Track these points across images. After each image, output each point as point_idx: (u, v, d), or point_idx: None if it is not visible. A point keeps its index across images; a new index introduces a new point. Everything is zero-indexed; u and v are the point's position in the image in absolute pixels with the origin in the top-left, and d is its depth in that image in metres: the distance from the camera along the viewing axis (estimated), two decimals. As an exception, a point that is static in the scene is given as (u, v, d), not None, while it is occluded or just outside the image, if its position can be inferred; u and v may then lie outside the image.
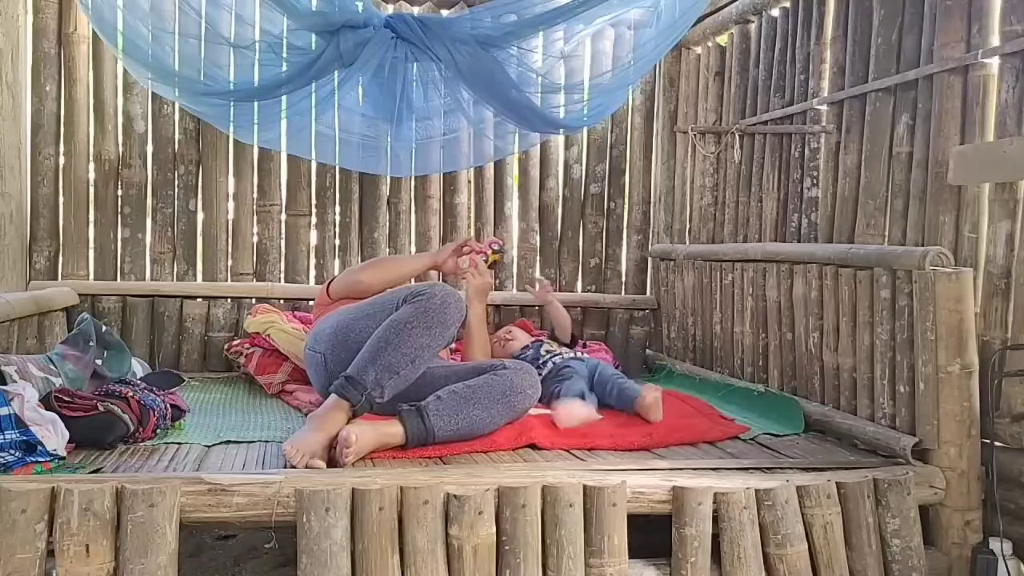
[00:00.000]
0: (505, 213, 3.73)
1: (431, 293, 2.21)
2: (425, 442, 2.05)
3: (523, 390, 2.22)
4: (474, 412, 2.12)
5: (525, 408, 2.25)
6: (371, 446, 1.98)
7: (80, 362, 2.38)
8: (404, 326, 2.14)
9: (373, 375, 2.07)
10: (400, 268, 2.79)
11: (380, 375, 2.07)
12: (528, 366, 2.37)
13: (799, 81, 2.95)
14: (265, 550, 2.36)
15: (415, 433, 2.03)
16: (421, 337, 2.13)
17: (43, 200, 3.27)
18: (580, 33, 3.18)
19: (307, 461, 1.88)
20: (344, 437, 1.93)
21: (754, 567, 1.79)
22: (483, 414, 2.13)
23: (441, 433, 2.06)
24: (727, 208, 3.37)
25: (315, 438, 1.95)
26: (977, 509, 2.03)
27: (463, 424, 2.09)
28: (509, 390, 2.19)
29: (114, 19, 2.71)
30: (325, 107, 3.00)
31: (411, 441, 2.03)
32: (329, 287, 2.76)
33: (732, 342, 3.08)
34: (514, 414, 2.21)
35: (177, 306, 3.38)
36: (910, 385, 2.15)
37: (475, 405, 2.12)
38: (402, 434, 2.02)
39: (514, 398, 2.19)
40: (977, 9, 2.24)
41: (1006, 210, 2.11)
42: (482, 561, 1.65)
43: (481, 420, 2.12)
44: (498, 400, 2.16)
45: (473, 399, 2.13)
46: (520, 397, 2.21)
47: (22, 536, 1.50)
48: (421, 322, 2.15)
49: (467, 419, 2.10)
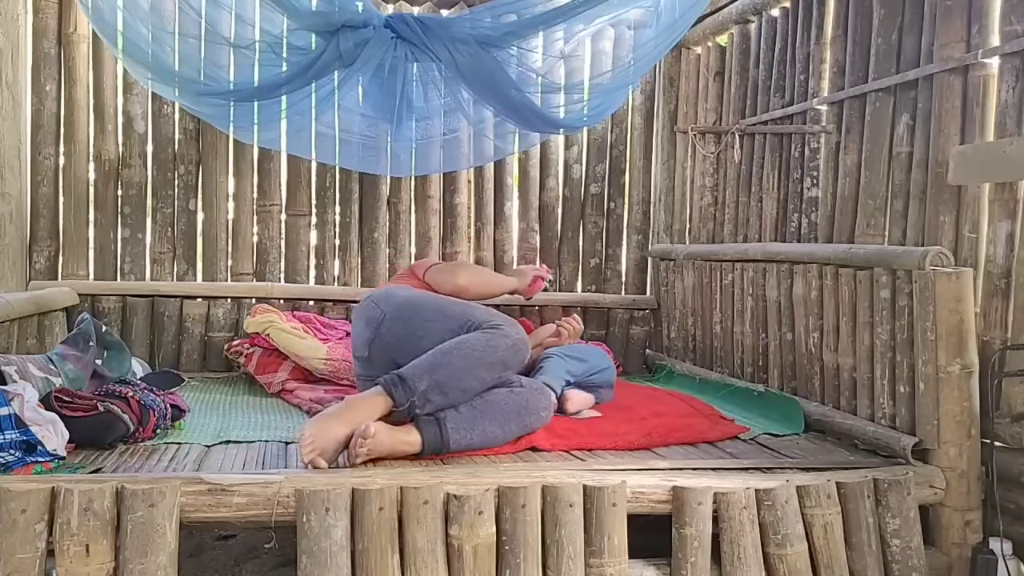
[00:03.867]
0: (505, 213, 3.73)
1: (506, 333, 2.22)
2: (439, 452, 2.05)
3: (538, 411, 2.23)
4: (489, 428, 2.12)
5: (536, 428, 2.25)
6: (385, 450, 1.96)
7: (80, 362, 2.38)
8: (471, 352, 2.14)
9: (424, 386, 2.05)
10: (497, 288, 2.86)
11: (430, 390, 2.06)
12: (543, 387, 2.36)
13: (799, 81, 2.95)
14: (265, 550, 2.36)
15: (431, 443, 2.02)
16: (482, 371, 2.14)
17: (43, 200, 3.27)
18: (580, 33, 3.18)
19: (313, 458, 1.87)
20: (365, 428, 1.90)
21: (754, 567, 1.79)
22: (497, 431, 2.13)
23: (455, 446, 2.06)
24: (727, 208, 3.37)
25: (337, 429, 1.92)
26: (977, 509, 2.03)
27: (476, 439, 2.10)
28: (524, 410, 2.20)
29: (114, 19, 2.71)
30: (325, 107, 3.00)
31: (426, 450, 2.02)
32: (427, 271, 2.76)
33: (732, 342, 3.08)
34: (525, 432, 2.22)
35: (177, 306, 3.38)
36: (910, 385, 2.15)
37: (491, 421, 2.12)
38: (419, 443, 2.01)
39: (528, 417, 2.20)
40: (977, 9, 2.24)
41: (1006, 210, 2.11)
42: (482, 561, 1.65)
43: (494, 436, 2.13)
44: (513, 419, 2.17)
45: (489, 414, 2.13)
46: (534, 418, 2.22)
47: (22, 536, 1.50)
48: (488, 357, 2.15)
49: (481, 434, 2.10)
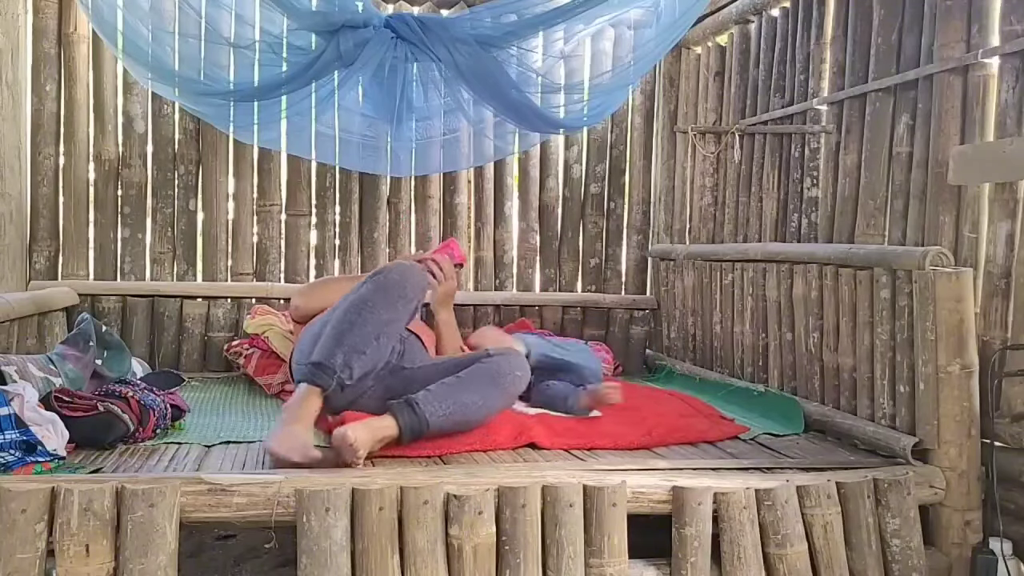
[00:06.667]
0: (505, 213, 3.73)
1: (388, 268, 2.18)
2: (420, 432, 2.01)
3: (511, 372, 2.19)
4: (465, 396, 2.08)
5: (517, 391, 2.22)
6: (369, 443, 1.95)
7: (80, 362, 2.38)
8: (365, 304, 2.10)
9: (341, 357, 2.02)
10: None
11: (348, 356, 2.03)
12: (516, 351, 2.33)
13: (799, 81, 2.95)
14: (265, 550, 2.35)
15: (408, 423, 1.99)
16: (384, 313, 2.09)
17: (43, 200, 3.27)
18: (580, 33, 3.18)
19: (305, 453, 1.84)
20: (341, 437, 1.87)
21: (754, 567, 1.79)
22: (475, 397, 2.10)
23: (435, 420, 2.01)
24: (727, 208, 3.37)
25: (296, 430, 1.91)
26: (977, 509, 2.03)
27: (456, 409, 2.06)
28: (498, 373, 2.16)
29: (114, 19, 2.71)
30: (325, 107, 3.00)
31: (406, 432, 1.99)
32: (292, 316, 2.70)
33: (732, 342, 3.08)
34: (507, 398, 2.18)
35: (177, 306, 3.38)
36: (910, 385, 2.15)
37: (465, 390, 2.09)
38: (395, 426, 1.98)
39: (503, 380, 2.16)
40: (977, 9, 2.24)
41: (1006, 210, 2.11)
42: (482, 561, 1.65)
43: (474, 404, 2.09)
44: (488, 384, 2.13)
45: (462, 385, 2.10)
46: (510, 379, 2.18)
47: (22, 536, 1.50)
48: (382, 298, 2.11)
49: (459, 404, 2.07)
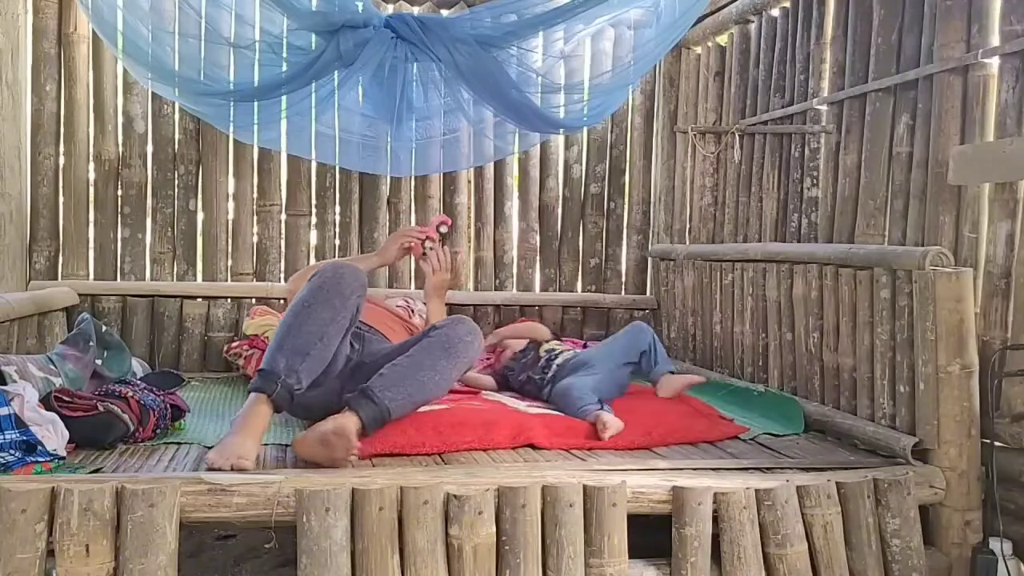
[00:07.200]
0: (505, 213, 3.73)
1: (323, 269, 2.17)
2: (383, 420, 1.99)
3: (461, 338, 2.17)
4: (420, 374, 2.07)
5: (471, 357, 2.20)
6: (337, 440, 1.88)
7: (80, 362, 2.38)
8: (303, 307, 2.09)
9: (284, 362, 2.00)
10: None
11: (291, 360, 2.00)
12: (462, 316, 2.29)
13: (799, 81, 2.95)
14: (265, 550, 2.35)
15: (368, 414, 1.96)
16: (323, 312, 2.08)
17: (43, 200, 3.27)
18: (580, 33, 3.18)
19: (234, 462, 1.80)
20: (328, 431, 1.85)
21: (754, 567, 1.79)
22: (429, 373, 2.08)
23: (395, 405, 2.00)
24: (727, 208, 3.37)
25: (239, 440, 1.87)
26: (977, 509, 2.03)
27: (414, 390, 2.05)
28: (447, 342, 2.15)
29: (114, 19, 2.71)
30: (325, 107, 3.00)
31: (368, 422, 1.96)
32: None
33: (732, 342, 3.08)
34: (462, 364, 2.16)
35: (177, 306, 3.38)
36: (910, 385, 2.15)
37: (418, 368, 2.08)
38: (357, 419, 1.94)
39: (454, 349, 2.14)
40: (977, 9, 2.24)
41: (1006, 210, 2.11)
42: (482, 561, 1.65)
43: (431, 380, 2.08)
44: (440, 356, 2.12)
45: (414, 364, 2.09)
46: (461, 346, 2.16)
47: (22, 536, 1.50)
48: (318, 297, 2.09)
49: (415, 383, 2.05)
